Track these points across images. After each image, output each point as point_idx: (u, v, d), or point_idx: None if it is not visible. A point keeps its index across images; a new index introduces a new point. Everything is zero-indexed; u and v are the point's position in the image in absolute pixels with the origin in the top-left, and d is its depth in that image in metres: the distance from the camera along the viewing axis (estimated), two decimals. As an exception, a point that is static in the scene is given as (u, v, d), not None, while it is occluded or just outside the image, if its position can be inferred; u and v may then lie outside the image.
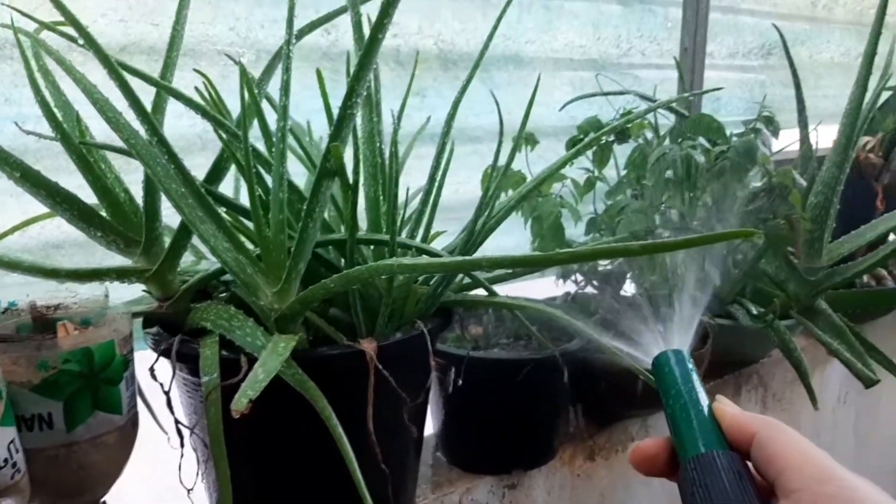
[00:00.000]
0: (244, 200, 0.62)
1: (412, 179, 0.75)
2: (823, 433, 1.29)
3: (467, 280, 0.67)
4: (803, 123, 1.06)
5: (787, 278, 0.98)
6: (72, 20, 0.50)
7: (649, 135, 0.99)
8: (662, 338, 0.43)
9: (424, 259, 0.45)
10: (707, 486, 0.33)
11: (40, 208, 0.61)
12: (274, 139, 0.56)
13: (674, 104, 0.92)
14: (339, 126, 0.52)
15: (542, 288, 1.02)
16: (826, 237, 0.94)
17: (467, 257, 0.37)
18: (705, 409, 0.36)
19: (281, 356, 0.43)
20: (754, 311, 0.97)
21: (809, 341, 1.15)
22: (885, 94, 1.31)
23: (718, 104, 1.59)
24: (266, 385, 0.41)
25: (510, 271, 0.68)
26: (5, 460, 0.42)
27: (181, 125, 0.85)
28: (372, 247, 0.65)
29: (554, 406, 0.77)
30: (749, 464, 0.34)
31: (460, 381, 0.66)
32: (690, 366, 0.39)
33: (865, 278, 1.22)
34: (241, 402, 0.37)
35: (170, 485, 0.57)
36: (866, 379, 0.79)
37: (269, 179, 0.59)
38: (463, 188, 1.16)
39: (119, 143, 0.56)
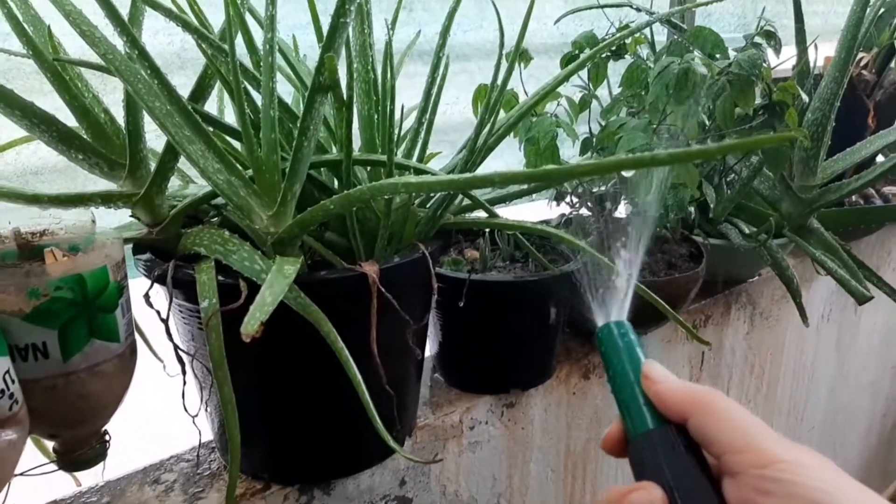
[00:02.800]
0: (231, 122, 0.60)
1: (402, 99, 0.72)
2: (808, 349, 1.33)
3: (466, 202, 0.65)
4: (801, 39, 1.03)
5: (780, 197, 0.97)
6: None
7: (645, 51, 0.96)
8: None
9: (430, 177, 0.43)
10: (645, 464, 0.32)
11: (14, 133, 0.57)
12: (261, 52, 0.53)
13: (672, 17, 0.89)
14: (332, 36, 0.49)
15: (533, 212, 1.01)
16: (822, 155, 0.93)
17: (477, 174, 0.35)
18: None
19: (287, 279, 0.42)
20: (746, 231, 0.97)
21: (796, 260, 1.17)
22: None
23: (709, 20, 1.55)
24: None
25: (510, 191, 0.67)
26: (2, 391, 0.41)
27: (157, 43, 0.80)
28: (368, 168, 0.63)
29: (550, 327, 0.77)
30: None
31: (462, 304, 0.65)
32: (633, 337, 0.37)
33: (854, 197, 1.23)
34: (251, 326, 0.35)
35: (166, 413, 0.56)
36: (861, 296, 0.80)
37: (257, 98, 0.56)
38: (452, 109, 1.13)
39: (96, 60, 0.52)
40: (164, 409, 0.58)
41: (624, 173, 0.75)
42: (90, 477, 0.59)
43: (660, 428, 0.32)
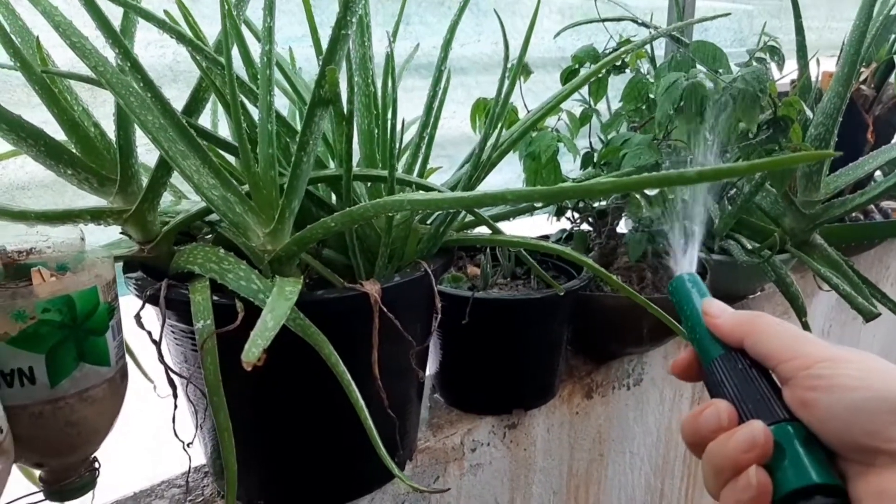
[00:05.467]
0: (225, 136, 0.58)
1: (399, 113, 0.71)
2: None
3: (468, 218, 0.64)
4: (802, 54, 1.02)
5: (783, 212, 0.96)
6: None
7: (645, 65, 0.95)
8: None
9: (438, 194, 0.42)
10: (714, 384, 0.37)
11: (0, 147, 0.55)
12: (258, 65, 0.51)
13: (674, 32, 0.87)
14: (333, 48, 0.47)
15: (531, 226, 0.99)
16: (825, 170, 0.92)
17: (488, 191, 0.34)
18: None
19: (289, 301, 0.40)
20: (749, 247, 0.96)
21: (796, 275, 1.15)
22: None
23: (706, 35, 1.54)
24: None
25: (513, 207, 0.65)
26: (-16, 419, 0.39)
27: (148, 55, 0.78)
28: (367, 184, 0.61)
29: (554, 346, 0.75)
30: None
31: (465, 321, 0.63)
32: (703, 285, 0.42)
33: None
34: (252, 354, 0.33)
35: (156, 435, 0.54)
36: (868, 313, 0.78)
37: (252, 111, 0.54)
38: (449, 123, 1.11)
39: (86, 72, 0.51)
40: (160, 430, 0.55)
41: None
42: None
43: (724, 354, 0.37)
